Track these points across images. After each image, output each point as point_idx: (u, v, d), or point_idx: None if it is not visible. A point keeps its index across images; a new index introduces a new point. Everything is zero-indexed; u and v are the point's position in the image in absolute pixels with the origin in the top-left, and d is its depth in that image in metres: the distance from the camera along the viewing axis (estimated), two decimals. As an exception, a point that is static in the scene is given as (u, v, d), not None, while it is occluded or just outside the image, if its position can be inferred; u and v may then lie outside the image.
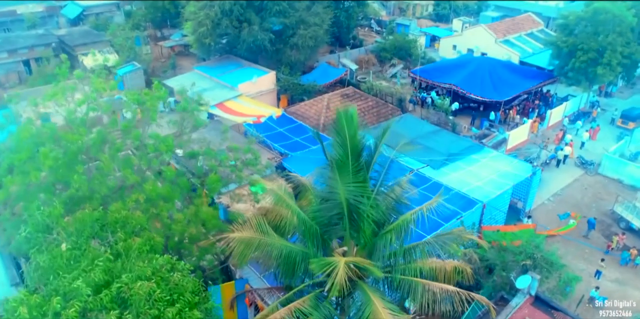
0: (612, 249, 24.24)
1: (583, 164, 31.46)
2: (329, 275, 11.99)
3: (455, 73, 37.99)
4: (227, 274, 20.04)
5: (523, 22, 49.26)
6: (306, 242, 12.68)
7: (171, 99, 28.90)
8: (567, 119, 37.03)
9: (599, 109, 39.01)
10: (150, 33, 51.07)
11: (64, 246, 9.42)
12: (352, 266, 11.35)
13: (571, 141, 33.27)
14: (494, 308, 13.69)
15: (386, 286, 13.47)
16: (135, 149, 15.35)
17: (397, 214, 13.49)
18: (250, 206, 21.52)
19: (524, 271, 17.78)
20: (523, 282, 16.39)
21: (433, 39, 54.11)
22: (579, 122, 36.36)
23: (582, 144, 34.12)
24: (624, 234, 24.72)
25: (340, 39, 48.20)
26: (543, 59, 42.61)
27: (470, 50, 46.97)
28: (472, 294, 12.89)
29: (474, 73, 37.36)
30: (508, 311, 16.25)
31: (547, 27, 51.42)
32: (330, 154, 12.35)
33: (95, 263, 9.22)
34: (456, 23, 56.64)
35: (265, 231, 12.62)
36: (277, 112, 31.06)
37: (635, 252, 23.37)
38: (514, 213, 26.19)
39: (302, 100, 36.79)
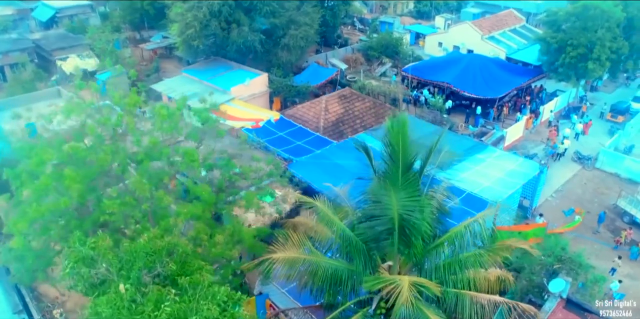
0: (621, 244, 24.44)
1: (580, 159, 31.75)
2: (382, 295, 11.46)
3: (446, 71, 37.82)
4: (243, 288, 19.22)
5: (506, 18, 49.59)
6: (352, 259, 12.06)
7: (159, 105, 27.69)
8: (553, 114, 37.31)
9: (587, 104, 39.54)
10: (129, 35, 49.12)
11: (122, 288, 8.38)
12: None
13: (552, 131, 33.71)
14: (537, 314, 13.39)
15: (430, 299, 13.01)
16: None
17: (439, 225, 13.06)
18: (260, 216, 20.75)
19: (551, 273, 17.57)
20: (556, 286, 16.15)
21: (417, 37, 53.94)
22: (575, 117, 36.75)
23: (577, 135, 34.54)
24: (631, 228, 24.95)
25: (326, 38, 47.50)
26: (528, 55, 42.95)
27: (456, 48, 46.96)
28: (521, 304, 12.53)
29: (466, 70, 37.26)
30: (542, 315, 15.98)
31: (527, 22, 51.96)
32: (376, 165, 11.75)
33: (160, 308, 8.23)
34: (439, 20, 56.65)
35: (309, 249, 11.96)
36: (274, 115, 30.20)
37: (644, 246, 23.61)
38: (521, 211, 26.13)
39: (295, 102, 36.03)
